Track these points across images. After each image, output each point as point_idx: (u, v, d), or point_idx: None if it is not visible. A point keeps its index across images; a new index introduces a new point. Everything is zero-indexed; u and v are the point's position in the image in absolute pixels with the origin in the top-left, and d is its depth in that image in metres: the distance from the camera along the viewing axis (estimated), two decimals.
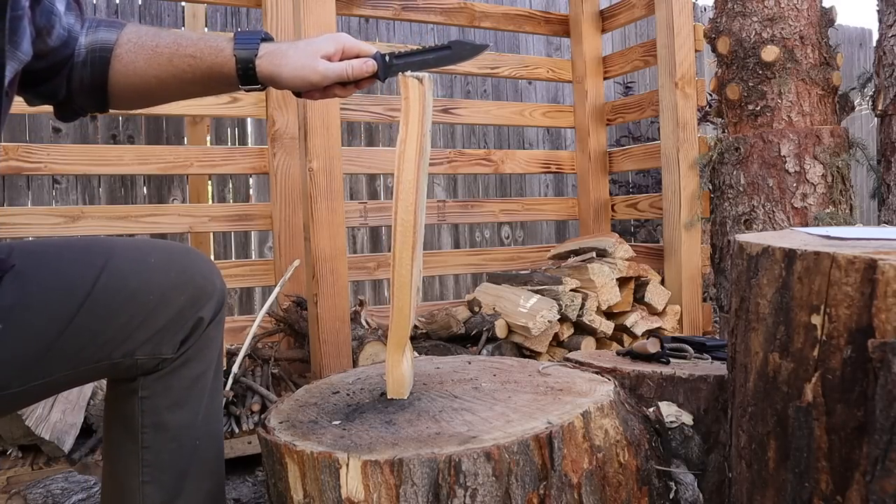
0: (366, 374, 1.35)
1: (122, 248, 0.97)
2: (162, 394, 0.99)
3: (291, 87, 1.02)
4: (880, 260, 0.74)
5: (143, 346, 0.95)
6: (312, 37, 1.07)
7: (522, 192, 4.44)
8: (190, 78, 1.00)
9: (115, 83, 1.00)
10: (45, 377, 0.90)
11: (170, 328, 0.96)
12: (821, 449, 0.80)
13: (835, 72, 2.61)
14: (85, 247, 0.98)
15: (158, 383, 0.98)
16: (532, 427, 0.96)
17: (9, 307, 0.86)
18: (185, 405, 1.01)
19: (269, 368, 2.08)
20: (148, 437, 0.99)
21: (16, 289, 0.87)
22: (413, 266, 1.05)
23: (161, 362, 0.97)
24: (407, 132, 1.04)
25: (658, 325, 2.48)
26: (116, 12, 3.49)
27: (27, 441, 1.68)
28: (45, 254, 0.93)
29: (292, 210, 2.46)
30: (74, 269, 0.93)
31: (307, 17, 1.96)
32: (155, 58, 0.99)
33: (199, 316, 0.99)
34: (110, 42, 0.99)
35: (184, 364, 1.00)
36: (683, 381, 1.26)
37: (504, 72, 3.01)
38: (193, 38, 1.01)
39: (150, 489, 1.00)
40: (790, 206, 2.50)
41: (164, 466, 1.00)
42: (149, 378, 0.98)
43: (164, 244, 1.02)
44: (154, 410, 0.99)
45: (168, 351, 0.97)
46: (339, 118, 2.02)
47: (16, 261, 0.89)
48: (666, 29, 2.62)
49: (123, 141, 3.46)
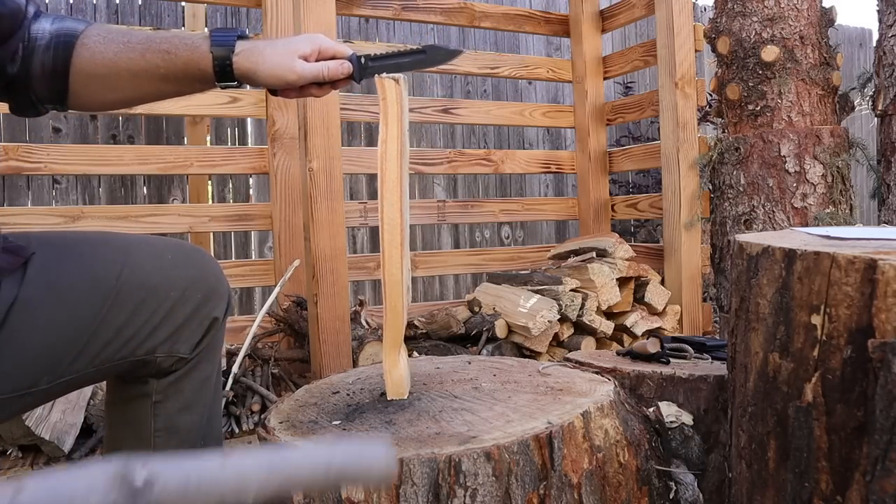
0: (366, 374, 1.35)
1: (137, 244, 0.97)
2: (174, 397, 0.99)
3: (268, 84, 1.01)
4: (880, 260, 0.74)
5: (164, 344, 0.94)
6: (289, 37, 1.07)
7: (522, 192, 4.44)
8: (163, 73, 0.96)
9: (78, 70, 0.94)
10: (72, 374, 0.88)
11: (187, 326, 0.97)
12: (821, 449, 0.80)
13: (835, 72, 2.61)
14: (102, 241, 0.97)
15: (171, 387, 0.98)
16: (532, 427, 0.96)
17: (37, 299, 0.84)
18: (194, 407, 1.01)
19: (269, 368, 2.08)
20: (160, 441, 0.98)
21: (42, 280, 0.85)
22: (402, 264, 1.05)
23: (177, 362, 0.97)
24: (387, 132, 1.04)
25: (658, 325, 2.48)
26: (116, 12, 3.49)
27: (27, 441, 1.68)
28: (65, 246, 0.92)
29: (292, 210, 2.46)
30: (97, 263, 0.91)
31: (307, 17, 1.96)
32: (126, 51, 0.94)
33: (214, 316, 1.00)
34: (77, 30, 0.94)
35: (195, 366, 1.00)
36: (683, 381, 1.26)
37: (504, 72, 3.01)
38: (167, 35, 0.99)
39: None
40: (790, 206, 2.50)
41: None
42: (161, 381, 0.98)
43: (175, 242, 1.02)
44: (167, 414, 0.98)
45: (185, 350, 0.97)
46: (339, 118, 2.02)
47: (35, 250, 0.87)
48: (666, 29, 2.62)
49: (123, 141, 3.46)
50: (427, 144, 4.18)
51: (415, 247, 4.12)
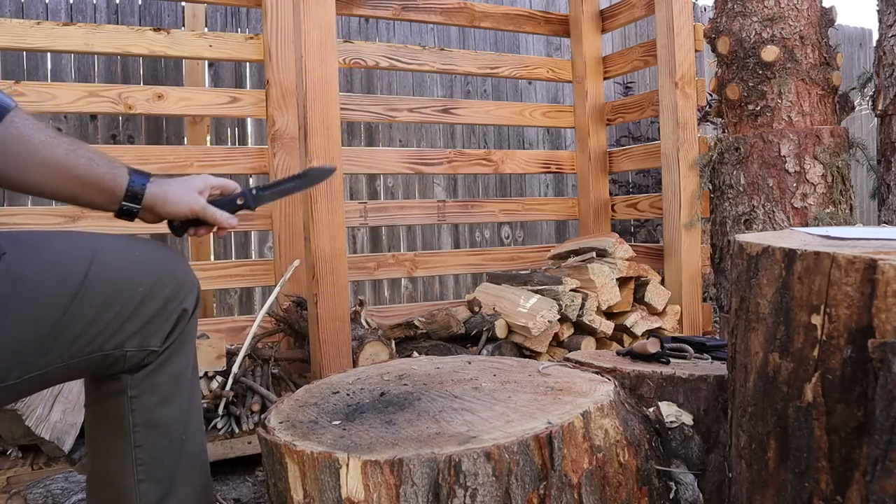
0: (366, 374, 1.35)
1: (106, 241, 1.01)
2: (150, 391, 1.02)
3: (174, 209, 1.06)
4: (880, 260, 0.74)
5: (133, 337, 0.98)
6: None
7: (522, 192, 4.44)
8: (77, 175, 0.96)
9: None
10: (41, 368, 0.91)
11: (157, 320, 1.00)
12: (821, 449, 0.80)
13: (835, 72, 2.61)
14: (71, 239, 1.01)
15: (145, 381, 1.01)
16: (532, 427, 0.96)
17: (6, 296, 0.87)
18: (172, 401, 1.05)
19: (269, 368, 2.08)
20: (140, 436, 1.01)
21: (10, 277, 0.88)
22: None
23: (148, 355, 1.01)
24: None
25: (658, 325, 2.47)
26: (116, 12, 3.49)
27: (27, 441, 1.68)
28: (35, 243, 0.94)
29: (292, 210, 2.46)
30: (66, 259, 0.94)
31: (307, 17, 1.96)
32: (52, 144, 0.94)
33: (183, 308, 1.04)
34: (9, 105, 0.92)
35: (167, 360, 1.03)
36: (683, 381, 1.26)
37: (504, 72, 3.01)
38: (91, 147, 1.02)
39: (146, 487, 1.02)
40: (790, 206, 2.50)
41: (158, 463, 1.03)
42: (135, 376, 1.01)
43: (143, 240, 1.07)
44: (144, 408, 1.02)
45: (155, 343, 1.01)
46: (339, 118, 2.02)
47: (6, 248, 0.89)
48: (666, 29, 2.62)
49: (123, 141, 3.46)
50: (427, 144, 4.18)
51: (415, 247, 4.12)
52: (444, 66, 2.86)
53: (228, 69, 3.68)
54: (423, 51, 2.81)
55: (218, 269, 2.46)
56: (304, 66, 1.97)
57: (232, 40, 2.43)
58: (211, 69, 3.63)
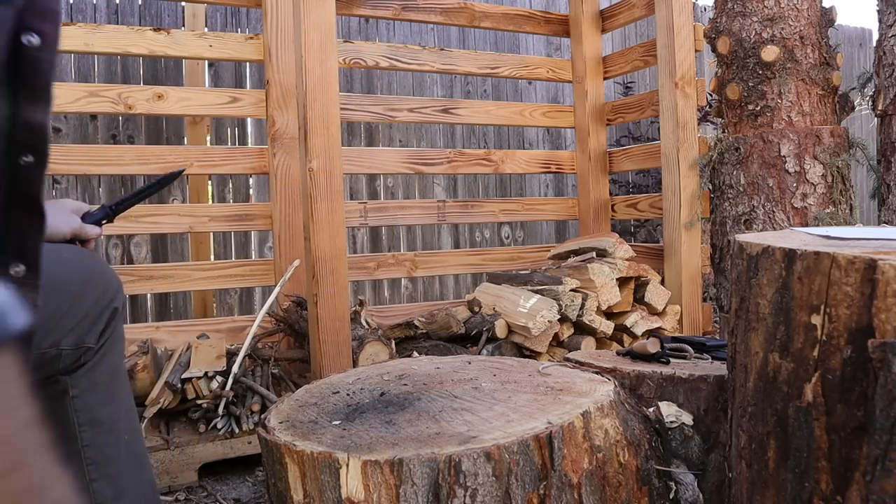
0: (366, 374, 1.35)
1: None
2: (90, 390, 1.04)
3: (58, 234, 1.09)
4: (880, 260, 0.74)
5: (69, 335, 1.00)
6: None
7: (522, 192, 4.44)
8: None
9: None
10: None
11: (90, 317, 1.03)
12: (821, 449, 0.80)
13: (835, 72, 2.61)
14: None
15: (84, 380, 1.03)
16: (532, 427, 0.96)
17: None
18: (112, 398, 1.07)
19: (269, 368, 2.08)
20: (87, 435, 1.03)
21: None
22: None
23: (84, 353, 1.02)
24: None
25: (658, 325, 2.47)
26: (116, 12, 3.49)
27: None
28: None
29: (292, 210, 2.46)
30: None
31: (307, 17, 1.96)
32: None
33: (115, 306, 1.07)
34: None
35: (103, 358, 1.06)
36: (683, 381, 1.26)
37: (504, 72, 3.01)
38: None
39: (100, 486, 1.04)
40: (790, 206, 2.50)
41: (107, 461, 1.05)
42: (74, 376, 1.03)
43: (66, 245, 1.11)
44: (87, 407, 1.04)
45: (91, 340, 1.03)
46: (339, 118, 2.02)
47: None
48: (666, 29, 2.62)
49: (123, 141, 3.46)
50: (427, 144, 4.18)
51: (415, 247, 4.12)
52: (444, 66, 2.86)
53: (228, 69, 3.68)
54: (423, 51, 2.81)
55: (218, 269, 2.46)
56: (304, 66, 1.97)
57: (232, 40, 2.43)
58: (211, 69, 3.63)
